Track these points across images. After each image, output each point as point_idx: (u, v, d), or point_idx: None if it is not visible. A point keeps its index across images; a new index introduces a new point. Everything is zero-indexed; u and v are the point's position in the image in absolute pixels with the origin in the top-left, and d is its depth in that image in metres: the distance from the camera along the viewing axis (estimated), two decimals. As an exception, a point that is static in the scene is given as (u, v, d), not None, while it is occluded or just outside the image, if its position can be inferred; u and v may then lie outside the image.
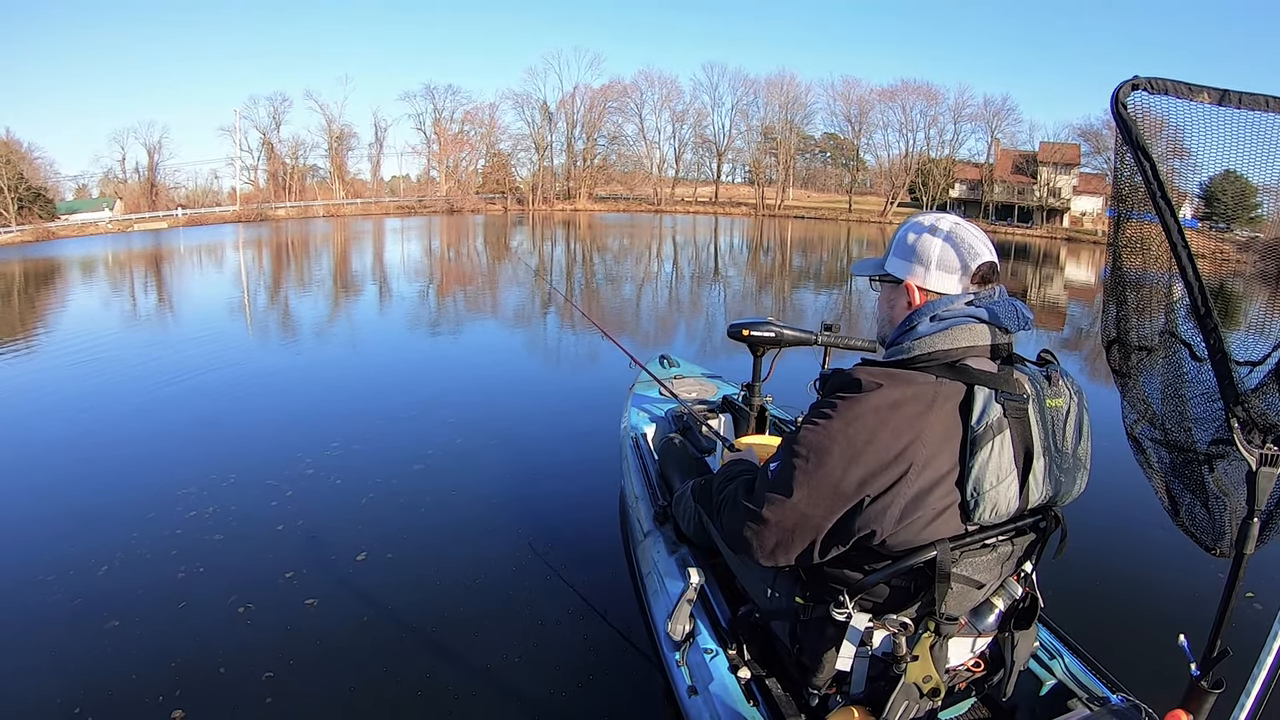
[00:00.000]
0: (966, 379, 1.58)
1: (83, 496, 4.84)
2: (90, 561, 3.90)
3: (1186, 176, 1.48)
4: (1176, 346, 1.54)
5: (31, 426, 6.61)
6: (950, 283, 1.72)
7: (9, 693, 2.95)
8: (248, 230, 43.09)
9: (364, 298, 15.83)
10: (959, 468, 1.57)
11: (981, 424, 1.55)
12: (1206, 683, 1.48)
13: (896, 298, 1.80)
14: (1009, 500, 1.60)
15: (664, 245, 31.72)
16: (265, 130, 61.98)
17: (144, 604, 3.53)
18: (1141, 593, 3.68)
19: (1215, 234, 2.06)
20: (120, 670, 3.05)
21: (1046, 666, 2.16)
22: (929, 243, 1.73)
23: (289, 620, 3.40)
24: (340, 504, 4.65)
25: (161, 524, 4.35)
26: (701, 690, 2.19)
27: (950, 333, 1.64)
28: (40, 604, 3.53)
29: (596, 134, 66.10)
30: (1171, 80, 1.32)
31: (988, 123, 59.56)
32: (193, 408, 7.00)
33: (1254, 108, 1.34)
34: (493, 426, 6.24)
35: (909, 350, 1.67)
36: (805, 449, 1.61)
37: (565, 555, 3.98)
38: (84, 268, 24.44)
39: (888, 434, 1.54)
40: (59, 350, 10.04)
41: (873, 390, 1.58)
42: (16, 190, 46.09)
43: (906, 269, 1.76)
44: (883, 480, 1.55)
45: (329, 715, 2.85)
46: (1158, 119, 1.35)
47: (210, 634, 3.29)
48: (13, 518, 4.56)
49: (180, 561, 3.91)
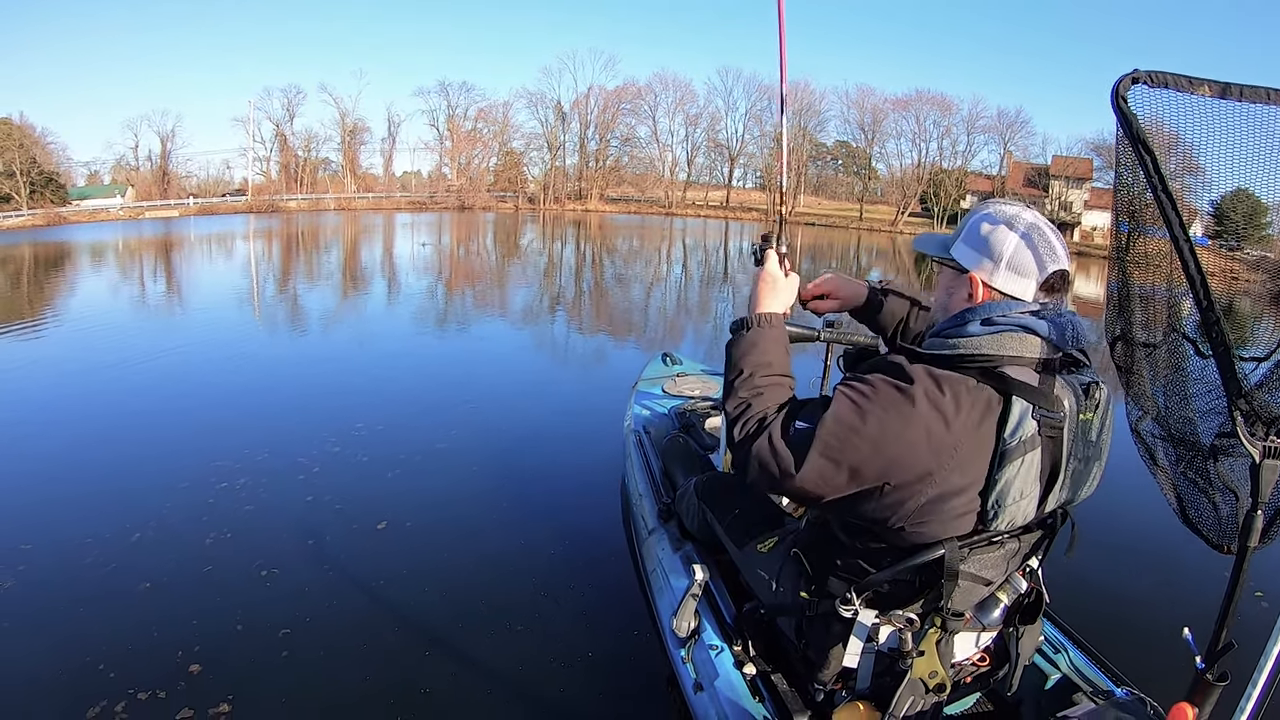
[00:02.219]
0: (1005, 389, 1.52)
1: (124, 467, 5.10)
2: (126, 529, 4.09)
3: (1198, 193, 1.48)
4: (1180, 342, 1.53)
5: (73, 404, 6.76)
6: (1019, 286, 1.61)
7: (38, 651, 3.07)
8: (259, 221, 43.20)
9: (398, 290, 16.00)
10: (985, 478, 1.54)
11: (1015, 438, 1.51)
12: (1212, 675, 1.47)
13: (958, 287, 1.69)
14: (1027, 513, 1.60)
15: (674, 248, 31.69)
16: (278, 122, 61.95)
17: (172, 569, 3.70)
18: (1146, 587, 3.69)
19: (1225, 252, 2.04)
20: (143, 630, 3.19)
21: (1051, 661, 2.18)
22: (1004, 237, 1.61)
23: (305, 583, 3.59)
24: (362, 480, 4.88)
25: (195, 494, 4.58)
26: (707, 686, 2.20)
27: (999, 338, 1.55)
28: (78, 568, 3.70)
29: (609, 135, 65.97)
30: (1172, 74, 1.32)
31: (1001, 135, 59.24)
32: (227, 387, 7.33)
33: (1255, 100, 1.34)
34: (495, 423, 6.26)
35: (954, 347, 1.57)
36: (836, 426, 1.52)
37: (569, 552, 3.98)
38: (100, 252, 24.57)
39: (920, 433, 1.49)
40: (94, 330, 10.30)
41: (916, 385, 1.52)
42: (29, 174, 46.25)
43: (974, 260, 1.65)
44: (905, 476, 1.52)
45: (337, 672, 2.99)
46: (1158, 113, 1.34)
47: (232, 596, 3.47)
48: (55, 488, 4.72)
49: (210, 529, 4.11)
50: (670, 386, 4.43)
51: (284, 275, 18.80)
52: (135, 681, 2.87)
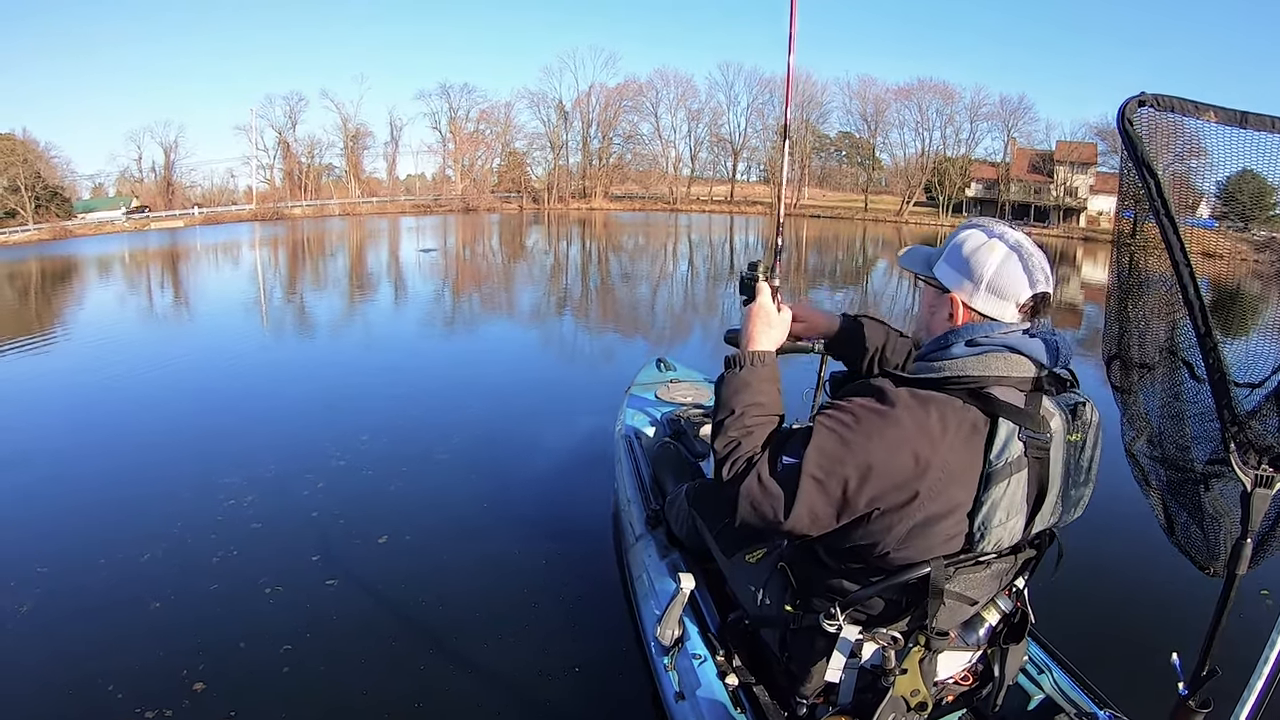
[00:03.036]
0: (991, 410, 1.51)
1: (135, 487, 5.07)
2: (137, 547, 4.12)
3: (1204, 176, 1.45)
4: (1177, 365, 1.50)
5: (83, 421, 6.77)
6: (998, 308, 1.59)
7: (44, 671, 3.10)
8: (264, 228, 43.46)
9: (407, 295, 16.12)
10: (972, 500, 1.53)
11: (1001, 460, 1.50)
12: (1194, 702, 1.46)
13: (939, 306, 1.67)
14: (1013, 534, 1.59)
15: (679, 244, 31.71)
16: (281, 129, 62.27)
17: (180, 586, 3.72)
18: (1132, 609, 3.63)
19: (1233, 233, 2.02)
20: (150, 648, 3.22)
21: (1035, 681, 2.16)
22: (985, 259, 1.59)
23: (310, 599, 3.61)
24: (365, 493, 4.91)
25: (203, 511, 4.61)
26: (689, 695, 2.18)
27: (984, 359, 1.55)
28: (89, 585, 3.74)
29: (612, 133, 66.06)
30: (1178, 98, 1.31)
31: (1004, 122, 58.93)
32: (231, 401, 7.34)
33: (1260, 128, 1.33)
34: (495, 429, 6.25)
35: (939, 370, 1.57)
36: (821, 457, 1.51)
37: (555, 557, 3.98)
38: (109, 265, 24.84)
39: (907, 456, 1.47)
40: (98, 344, 10.44)
41: (899, 408, 1.50)
42: (34, 189, 46.54)
43: (956, 280, 1.63)
44: (893, 500, 1.50)
45: (338, 682, 3.03)
46: (1165, 135, 1.33)
47: (237, 612, 3.50)
48: (71, 507, 4.76)
49: (218, 547, 4.13)
50: (663, 393, 4.40)
51: (290, 282, 18.95)
52: (141, 699, 2.89)
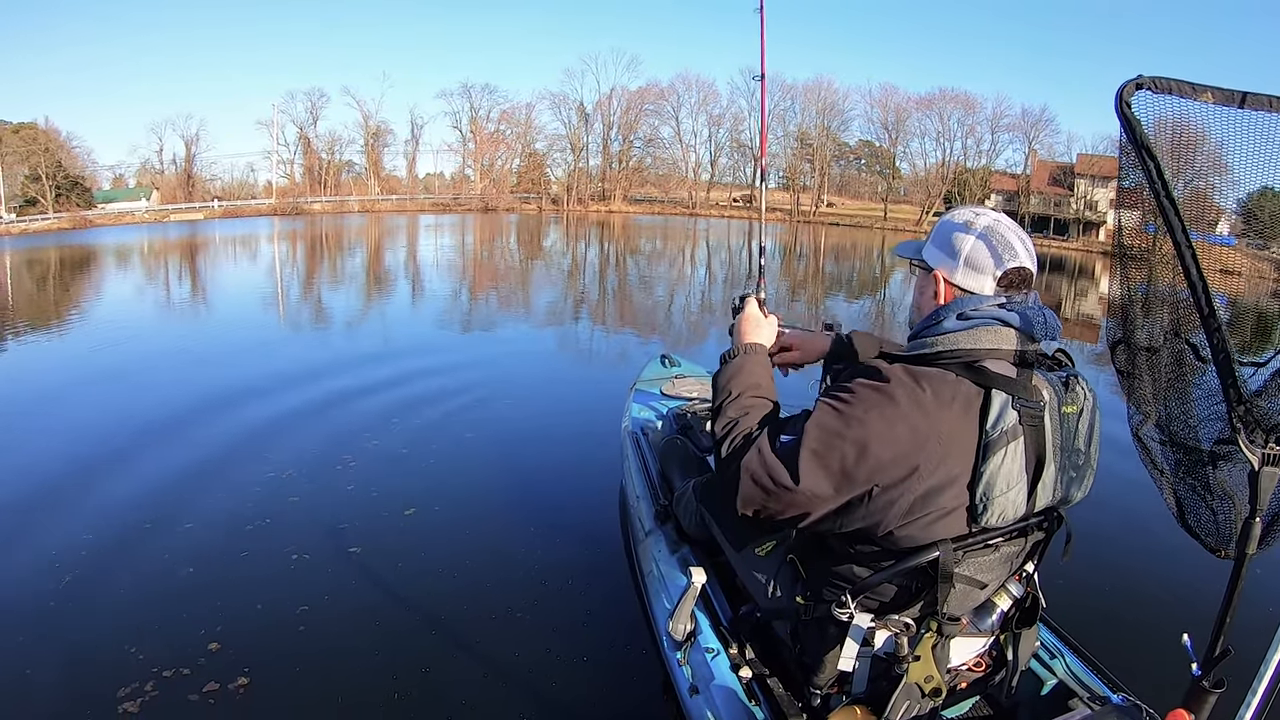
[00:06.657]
0: (985, 382, 1.56)
1: (181, 461, 5.24)
2: (177, 517, 4.33)
3: (1224, 193, 1.48)
4: (1181, 347, 1.52)
5: (131, 403, 6.85)
6: (977, 281, 1.68)
7: (78, 630, 3.24)
8: (284, 223, 43.77)
9: (435, 290, 16.26)
10: (971, 471, 1.55)
11: (997, 429, 1.53)
12: (1208, 682, 1.48)
13: (927, 285, 1.78)
14: (1016, 506, 1.60)
15: (696, 249, 31.68)
16: (302, 125, 62.89)
17: (212, 553, 3.92)
18: (1143, 593, 3.64)
19: (1253, 251, 1.99)
20: (172, 608, 3.39)
21: (1048, 666, 2.17)
22: (963, 238, 1.69)
23: (330, 567, 3.79)
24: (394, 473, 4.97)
25: (245, 485, 4.83)
26: (703, 689, 2.18)
27: (974, 333, 1.62)
28: (132, 553, 3.91)
29: (632, 136, 66.12)
30: (1176, 80, 1.33)
31: (1025, 133, 58.60)
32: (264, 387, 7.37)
33: (1258, 108, 1.34)
34: (514, 425, 6.27)
35: (931, 346, 1.65)
36: (820, 432, 1.57)
37: (566, 554, 3.98)
38: (127, 254, 25.03)
39: (904, 429, 1.52)
40: (138, 333, 10.69)
41: (894, 383, 1.56)
42: (54, 178, 47.12)
43: (939, 259, 1.74)
44: (893, 474, 1.53)
45: (346, 647, 3.14)
46: (1163, 118, 1.35)
47: (259, 577, 3.68)
48: (125, 480, 4.90)
49: (256, 517, 4.34)
50: (669, 388, 4.42)
51: (308, 277, 19.11)
52: (158, 657, 3.03)
